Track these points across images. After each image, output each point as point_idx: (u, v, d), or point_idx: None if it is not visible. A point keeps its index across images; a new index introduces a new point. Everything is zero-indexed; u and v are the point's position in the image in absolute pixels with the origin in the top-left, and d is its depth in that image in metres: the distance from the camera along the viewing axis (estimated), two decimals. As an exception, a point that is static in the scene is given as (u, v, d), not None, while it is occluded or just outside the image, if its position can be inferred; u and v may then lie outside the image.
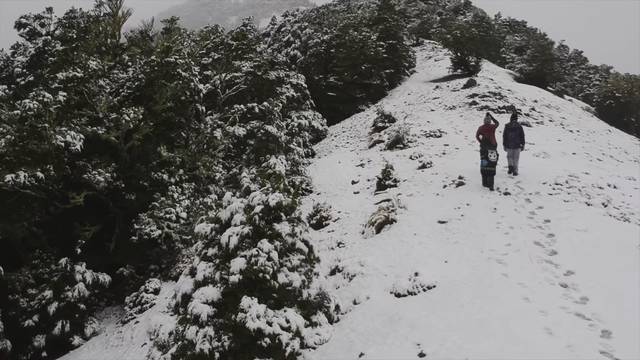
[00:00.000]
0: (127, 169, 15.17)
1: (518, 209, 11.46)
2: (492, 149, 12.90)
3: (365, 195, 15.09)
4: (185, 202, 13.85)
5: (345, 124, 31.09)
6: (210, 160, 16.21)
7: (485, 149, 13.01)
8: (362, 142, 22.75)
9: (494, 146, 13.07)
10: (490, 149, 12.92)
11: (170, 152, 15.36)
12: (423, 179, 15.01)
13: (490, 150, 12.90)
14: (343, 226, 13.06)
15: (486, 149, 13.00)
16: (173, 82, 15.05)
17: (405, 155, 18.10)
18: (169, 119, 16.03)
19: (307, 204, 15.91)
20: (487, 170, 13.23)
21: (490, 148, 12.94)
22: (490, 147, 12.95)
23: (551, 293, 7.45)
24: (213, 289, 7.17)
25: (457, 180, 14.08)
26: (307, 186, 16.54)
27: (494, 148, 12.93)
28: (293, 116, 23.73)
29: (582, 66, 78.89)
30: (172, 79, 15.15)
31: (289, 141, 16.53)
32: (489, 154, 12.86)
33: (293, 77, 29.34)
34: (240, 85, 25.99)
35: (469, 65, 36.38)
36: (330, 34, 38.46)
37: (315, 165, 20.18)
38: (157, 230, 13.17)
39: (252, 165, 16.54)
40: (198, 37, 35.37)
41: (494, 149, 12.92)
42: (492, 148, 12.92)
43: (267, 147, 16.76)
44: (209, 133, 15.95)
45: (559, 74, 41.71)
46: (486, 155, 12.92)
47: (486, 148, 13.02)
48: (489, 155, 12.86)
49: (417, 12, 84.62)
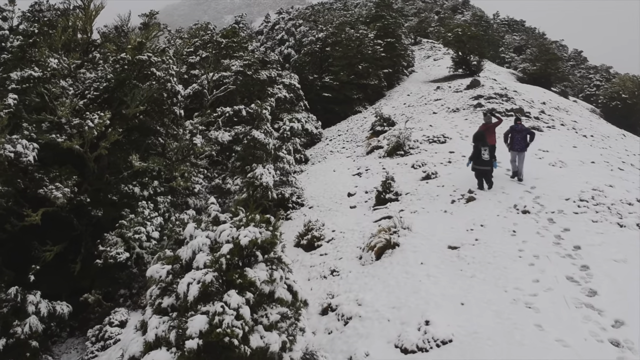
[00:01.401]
0: (95, 181, 13.46)
1: (541, 232, 9.85)
2: (485, 147, 11.91)
3: (363, 211, 13.42)
4: (157, 219, 12.13)
5: (341, 126, 29.44)
6: (189, 170, 14.50)
7: (477, 147, 12.02)
8: (359, 148, 21.08)
9: (490, 145, 12.20)
10: (484, 146, 11.93)
11: (144, 161, 13.65)
12: (428, 192, 13.36)
13: (483, 148, 11.91)
14: (338, 248, 11.39)
15: (479, 147, 11.99)
16: (146, 83, 13.33)
17: (406, 163, 16.46)
18: (143, 124, 14.32)
19: (297, 219, 14.24)
20: (480, 170, 12.31)
21: (483, 145, 11.95)
22: (484, 145, 11.96)
23: (603, 356, 5.84)
24: (166, 355, 5.49)
25: (466, 194, 12.45)
26: (298, 199, 14.87)
27: (487, 145, 11.97)
28: (285, 119, 22.05)
29: (581, 66, 77.70)
30: (145, 79, 13.44)
31: (278, 148, 14.85)
32: (482, 152, 11.89)
33: (286, 76, 27.64)
34: (228, 86, 24.30)
35: (470, 65, 34.80)
36: (325, 32, 36.75)
37: (308, 174, 18.51)
38: (124, 253, 11.46)
39: (237, 175, 14.85)
40: (186, 35, 33.62)
41: (487, 146, 11.96)
42: (485, 145, 11.94)
43: (253, 154, 15.06)
44: (188, 140, 14.25)
45: (564, 74, 40.17)
46: (478, 154, 11.94)
47: (479, 146, 12.00)
48: (482, 153, 11.90)
49: (415, 10, 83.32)
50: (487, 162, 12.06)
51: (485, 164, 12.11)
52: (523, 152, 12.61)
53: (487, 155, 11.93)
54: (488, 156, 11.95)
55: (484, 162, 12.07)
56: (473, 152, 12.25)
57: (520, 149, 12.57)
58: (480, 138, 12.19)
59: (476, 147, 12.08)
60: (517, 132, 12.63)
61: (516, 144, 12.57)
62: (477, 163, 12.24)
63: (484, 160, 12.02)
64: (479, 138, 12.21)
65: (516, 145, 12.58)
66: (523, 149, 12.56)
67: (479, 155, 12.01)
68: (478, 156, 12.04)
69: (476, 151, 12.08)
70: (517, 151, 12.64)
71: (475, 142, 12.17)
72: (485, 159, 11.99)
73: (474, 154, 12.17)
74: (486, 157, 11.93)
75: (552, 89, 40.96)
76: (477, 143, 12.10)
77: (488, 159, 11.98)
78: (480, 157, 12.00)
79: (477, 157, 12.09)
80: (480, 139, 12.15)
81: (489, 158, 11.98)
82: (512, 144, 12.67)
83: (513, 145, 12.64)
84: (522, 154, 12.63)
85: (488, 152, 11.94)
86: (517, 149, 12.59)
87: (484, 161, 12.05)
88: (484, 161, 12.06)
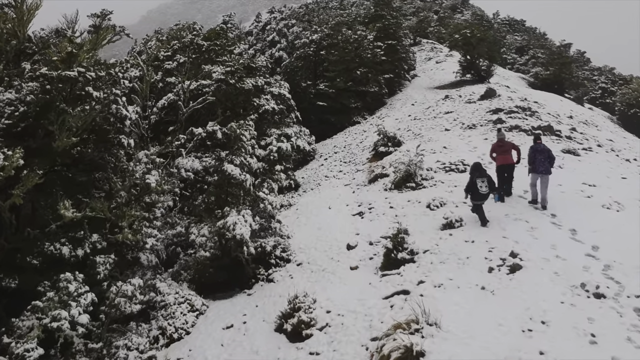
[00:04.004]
0: (12, 237, 10.11)
1: (632, 337, 6.66)
2: (483, 178, 10.47)
3: (368, 276, 10.13)
4: (87, 296, 8.80)
5: (337, 140, 26.15)
6: (142, 215, 11.20)
7: (473, 179, 10.56)
8: (359, 173, 17.79)
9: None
10: (481, 177, 10.47)
11: (81, 208, 10.33)
12: (453, 250, 10.08)
13: (480, 179, 10.44)
14: (334, 346, 8.09)
15: (474, 178, 10.53)
16: (81, 106, 10.01)
17: (419, 201, 13.20)
18: (82, 159, 10.98)
19: (281, 282, 10.94)
20: (478, 206, 10.71)
21: (480, 176, 10.49)
22: (481, 175, 10.51)
23: None
24: None
25: (508, 258, 9.23)
26: (283, 252, 11.57)
27: (485, 176, 10.53)
28: (272, 137, 18.79)
29: (585, 67, 74.91)
30: (77, 102, 10.12)
31: (258, 186, 11.59)
32: (479, 185, 10.41)
33: (275, 85, 24.31)
34: (207, 97, 20.96)
35: (479, 69, 31.59)
36: (320, 33, 33.42)
37: (298, 210, 15.18)
38: (36, 349, 8.13)
39: (205, 220, 11.56)
40: (165, 37, 30.25)
41: (485, 177, 10.52)
42: (482, 176, 10.49)
43: (226, 194, 11.79)
44: (140, 177, 10.94)
45: (578, 79, 37.05)
46: (475, 187, 10.44)
47: (474, 177, 10.54)
48: (479, 186, 10.41)
49: (413, 9, 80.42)
50: (486, 195, 10.57)
51: (484, 197, 10.60)
52: (547, 174, 11.05)
53: (485, 188, 10.42)
54: (486, 189, 10.45)
55: (482, 195, 10.53)
56: (468, 184, 10.67)
57: (544, 171, 11.00)
58: (477, 168, 10.75)
59: (472, 179, 10.58)
60: (540, 153, 11.15)
61: (540, 166, 11.03)
62: (475, 197, 10.65)
63: (482, 194, 10.48)
64: (476, 168, 10.75)
65: (540, 167, 11.02)
66: (548, 171, 11.02)
67: (475, 188, 10.46)
68: (475, 189, 10.48)
69: (471, 183, 10.54)
70: (542, 173, 11.04)
71: (472, 172, 10.76)
72: (483, 193, 10.46)
73: (470, 187, 10.60)
74: (484, 190, 10.42)
75: (566, 95, 37.92)
76: (473, 174, 10.66)
77: (486, 192, 10.48)
78: (477, 190, 10.46)
79: (475, 191, 10.53)
80: (477, 170, 10.71)
81: (487, 191, 10.48)
82: (534, 166, 11.15)
83: (536, 167, 11.08)
84: (545, 177, 11.06)
85: (487, 184, 10.45)
86: (542, 171, 11.01)
87: (482, 195, 10.51)
88: (482, 195, 10.51)
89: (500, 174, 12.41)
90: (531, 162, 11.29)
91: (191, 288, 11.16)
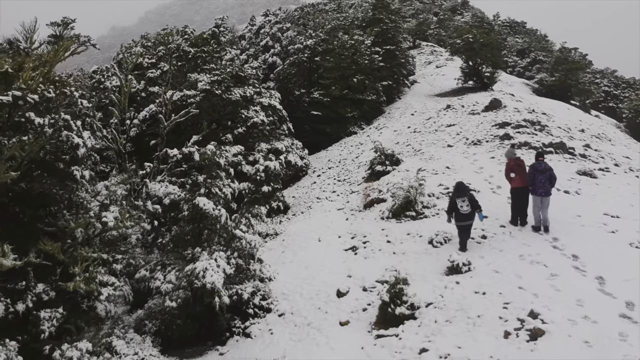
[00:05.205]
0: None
1: None
2: (463, 197, 10.03)
3: (361, 337, 8.55)
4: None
5: (332, 153, 24.59)
6: (100, 257, 9.64)
7: (453, 199, 10.18)
8: (353, 195, 16.23)
9: (468, 193, 10.32)
10: (461, 196, 10.07)
11: (27, 252, 8.78)
12: (461, 304, 8.53)
13: (460, 199, 10.04)
14: None
15: (454, 199, 10.15)
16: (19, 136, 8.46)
17: (420, 235, 11.67)
18: (28, 194, 9.43)
19: (259, 339, 9.36)
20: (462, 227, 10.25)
21: (460, 195, 10.08)
22: (460, 195, 10.08)
23: None
24: None
25: (528, 319, 7.70)
26: (263, 300, 9.99)
27: (465, 195, 10.08)
28: (259, 154, 17.24)
29: (587, 70, 73.51)
30: (17, 131, 8.58)
31: (236, 222, 10.05)
32: (459, 205, 10.01)
33: (265, 95, 22.76)
34: (190, 109, 19.38)
35: (482, 76, 30.07)
36: (315, 38, 31.86)
37: (284, 241, 13.62)
38: None
39: (172, 264, 10.00)
40: (150, 42, 28.69)
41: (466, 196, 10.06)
42: (462, 196, 10.06)
43: (199, 231, 10.24)
44: (96, 215, 9.39)
45: (584, 85, 35.50)
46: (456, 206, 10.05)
47: (454, 197, 10.17)
48: (460, 206, 10.01)
49: (413, 11, 78.91)
50: (468, 215, 10.06)
51: (465, 218, 10.10)
52: (548, 196, 10.37)
53: (466, 208, 9.99)
54: (468, 208, 10.00)
55: (465, 216, 10.06)
56: (449, 206, 10.36)
57: (544, 193, 10.32)
58: (458, 188, 10.32)
59: (452, 200, 10.24)
60: (541, 173, 10.38)
61: (539, 187, 10.33)
62: (457, 218, 10.22)
63: (463, 214, 10.02)
64: (457, 189, 10.33)
65: (539, 188, 10.33)
66: (548, 192, 10.35)
67: (456, 209, 10.06)
68: (456, 209, 10.08)
69: (452, 204, 10.17)
70: (542, 196, 10.34)
71: (453, 193, 10.41)
72: (465, 212, 10.01)
73: (451, 208, 10.24)
74: (465, 209, 9.99)
75: (572, 102, 36.42)
76: (453, 194, 10.30)
77: (468, 211, 10.01)
78: (458, 210, 10.04)
79: (456, 211, 10.11)
80: (458, 190, 10.30)
81: (468, 210, 10.01)
82: (534, 188, 10.43)
83: (536, 189, 10.37)
84: (546, 199, 10.38)
85: (467, 204, 9.99)
86: (541, 192, 10.32)
87: (464, 215, 10.05)
88: (463, 215, 10.05)
89: (517, 197, 11.00)
90: (531, 182, 10.48)
91: (156, 343, 9.61)
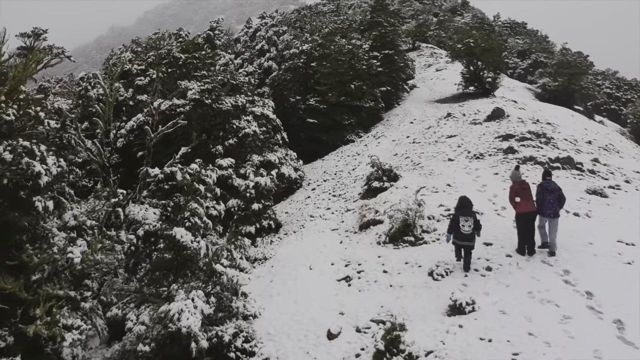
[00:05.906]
0: None
1: None
2: (468, 217, 9.64)
3: (352, 391, 7.69)
4: None
5: (328, 164, 23.68)
6: (67, 294, 8.75)
7: (456, 217, 9.80)
8: (349, 214, 15.32)
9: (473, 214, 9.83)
10: (464, 215, 9.66)
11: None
12: (465, 354, 7.62)
13: (464, 218, 9.64)
14: None
15: (457, 216, 9.77)
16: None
17: (420, 264, 10.77)
18: (-15, 226, 8.53)
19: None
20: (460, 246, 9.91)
21: (464, 214, 9.68)
22: (465, 214, 9.68)
23: None
24: None
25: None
26: (245, 343, 9.07)
27: (470, 215, 9.69)
28: (249, 169, 16.33)
29: (589, 72, 72.70)
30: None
31: (217, 255, 9.15)
32: (461, 224, 9.61)
33: (259, 103, 21.85)
34: (178, 120, 18.47)
35: (484, 82, 29.17)
36: (312, 43, 30.96)
37: (273, 267, 12.70)
38: None
39: (147, 302, 9.10)
40: (140, 48, 27.78)
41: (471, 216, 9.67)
42: (467, 215, 9.66)
43: (177, 264, 9.34)
44: (61, 250, 8.50)
45: (588, 90, 34.59)
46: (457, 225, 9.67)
47: (457, 215, 9.78)
48: (462, 225, 9.61)
49: (412, 12, 77.90)
50: (469, 235, 9.65)
51: (466, 238, 9.68)
52: (556, 218, 9.86)
53: (468, 228, 9.60)
54: (469, 229, 9.60)
55: (465, 235, 9.65)
56: (451, 223, 9.96)
57: (553, 215, 9.80)
58: (464, 205, 9.86)
59: (455, 217, 9.84)
60: (549, 193, 9.86)
61: (547, 208, 9.79)
62: (457, 237, 9.84)
63: (464, 233, 9.61)
64: (463, 205, 9.86)
65: (547, 209, 9.79)
66: (556, 214, 9.82)
67: (458, 227, 9.67)
68: (457, 228, 9.69)
69: (454, 221, 9.77)
70: (550, 217, 9.82)
71: (457, 208, 9.98)
72: (466, 232, 9.61)
73: (453, 225, 9.84)
74: (466, 230, 9.60)
75: (575, 106, 35.53)
76: (457, 211, 9.90)
77: (469, 232, 9.61)
78: (459, 229, 9.64)
79: (457, 229, 9.73)
80: (463, 206, 9.83)
81: (470, 231, 9.62)
82: (541, 208, 9.90)
83: (544, 210, 9.85)
84: (554, 221, 9.86)
85: (471, 224, 9.58)
86: (550, 214, 9.79)
87: (465, 235, 9.64)
88: (464, 235, 9.65)
89: (523, 224, 10.16)
90: (539, 203, 9.94)
91: (128, 392, 8.72)
